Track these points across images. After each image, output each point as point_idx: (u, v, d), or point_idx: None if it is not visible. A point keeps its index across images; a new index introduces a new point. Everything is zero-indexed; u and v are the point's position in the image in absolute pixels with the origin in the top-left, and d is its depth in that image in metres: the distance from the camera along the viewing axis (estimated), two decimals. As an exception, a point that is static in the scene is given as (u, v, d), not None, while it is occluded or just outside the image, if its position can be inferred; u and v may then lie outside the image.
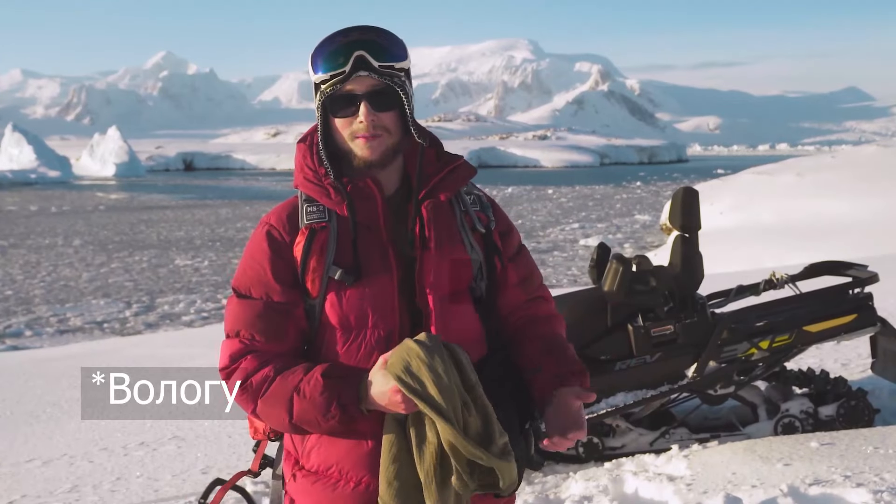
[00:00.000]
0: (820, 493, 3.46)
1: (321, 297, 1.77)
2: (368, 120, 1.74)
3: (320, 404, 1.65)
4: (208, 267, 23.03)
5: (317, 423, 1.68)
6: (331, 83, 1.74)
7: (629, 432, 4.71)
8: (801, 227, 20.07)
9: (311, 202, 1.81)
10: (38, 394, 7.85)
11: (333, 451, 1.78)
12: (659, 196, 47.97)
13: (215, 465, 5.21)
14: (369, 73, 1.72)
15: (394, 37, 1.77)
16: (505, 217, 1.97)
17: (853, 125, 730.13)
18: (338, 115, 1.77)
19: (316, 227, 1.78)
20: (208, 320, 16.16)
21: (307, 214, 1.80)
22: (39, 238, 30.85)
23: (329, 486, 1.79)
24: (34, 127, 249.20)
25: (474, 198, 1.92)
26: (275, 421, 1.74)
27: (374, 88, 1.74)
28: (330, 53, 1.73)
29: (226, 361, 1.79)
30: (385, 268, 1.76)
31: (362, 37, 1.74)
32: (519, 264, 1.96)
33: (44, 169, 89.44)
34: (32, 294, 19.18)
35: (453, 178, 1.85)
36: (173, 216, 39.78)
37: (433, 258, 1.78)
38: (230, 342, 1.79)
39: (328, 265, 1.76)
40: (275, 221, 1.82)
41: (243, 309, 1.79)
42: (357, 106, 1.74)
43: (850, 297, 4.71)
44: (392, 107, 1.77)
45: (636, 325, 4.59)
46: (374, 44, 1.73)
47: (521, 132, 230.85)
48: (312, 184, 1.81)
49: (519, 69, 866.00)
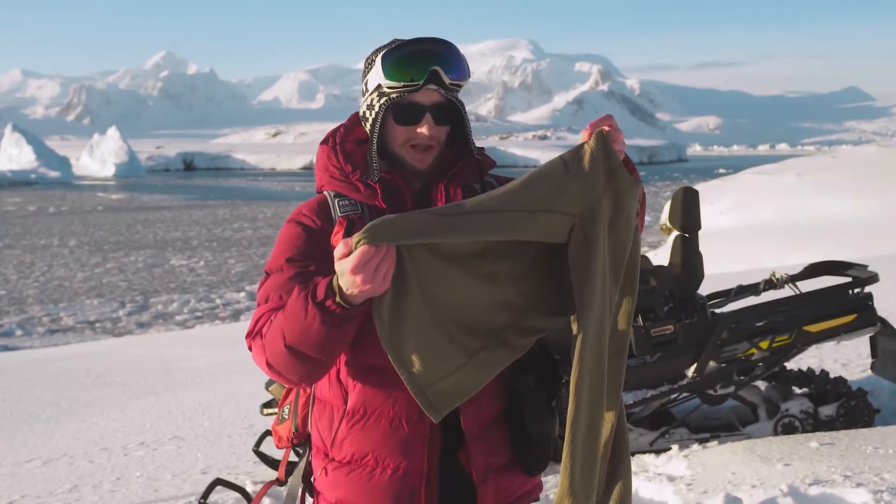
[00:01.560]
0: (820, 493, 3.46)
1: None
2: (430, 133, 1.78)
3: (298, 310, 1.59)
4: (204, 267, 23.01)
5: (306, 336, 1.59)
6: (400, 90, 1.77)
7: (629, 432, 4.70)
8: (801, 227, 20.07)
9: (342, 197, 1.83)
10: (38, 394, 7.85)
11: (368, 439, 1.77)
12: (658, 196, 47.95)
13: (215, 465, 5.21)
14: (438, 88, 1.77)
15: (461, 54, 1.82)
16: None
17: (853, 125, 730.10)
18: (399, 122, 1.80)
19: (353, 218, 1.79)
20: (201, 320, 16.15)
21: (340, 208, 1.81)
22: (35, 238, 30.84)
23: (365, 475, 1.77)
24: (34, 127, 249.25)
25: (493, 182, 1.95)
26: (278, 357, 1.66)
27: (439, 103, 1.79)
28: (405, 60, 1.76)
29: (252, 325, 1.76)
30: None
31: (437, 49, 1.77)
32: None
33: (44, 169, 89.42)
34: (25, 294, 19.17)
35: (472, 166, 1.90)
36: (171, 216, 39.78)
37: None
38: (259, 309, 1.76)
39: None
40: (307, 211, 1.84)
41: (275, 279, 1.77)
42: (421, 116, 1.78)
43: (850, 297, 4.71)
44: (451, 122, 1.83)
45: (636, 325, 4.59)
46: (447, 59, 1.77)
47: (521, 132, 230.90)
48: (340, 181, 1.83)
49: (519, 69, 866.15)
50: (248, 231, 32.54)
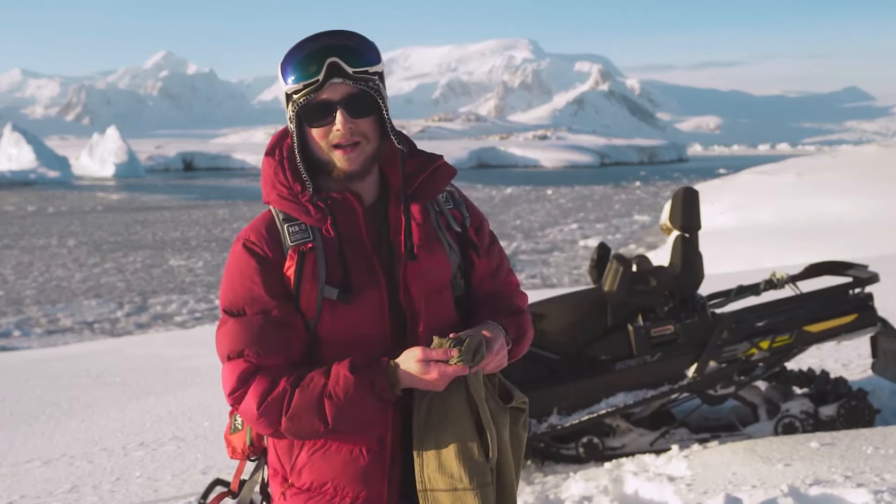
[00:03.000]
0: (820, 494, 3.46)
1: (316, 318, 1.73)
2: (346, 128, 1.69)
3: (356, 401, 1.64)
4: (202, 267, 22.98)
5: (354, 423, 1.68)
6: (304, 92, 1.68)
7: (629, 432, 4.71)
8: (801, 227, 20.08)
9: (291, 221, 1.75)
10: (38, 394, 7.85)
11: (328, 468, 1.76)
12: (658, 196, 47.95)
13: (215, 465, 5.20)
14: (343, 80, 1.67)
15: (366, 40, 1.72)
16: (477, 211, 1.95)
17: (853, 125, 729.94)
18: (314, 124, 1.71)
19: (304, 250, 1.72)
20: (200, 321, 16.12)
21: (290, 235, 1.73)
22: (34, 238, 30.83)
23: (324, 503, 1.76)
24: (34, 127, 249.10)
25: (446, 195, 1.89)
26: (307, 432, 1.69)
27: (349, 95, 1.69)
28: (301, 61, 1.68)
29: (233, 384, 1.70)
30: (373, 280, 1.75)
31: (334, 42, 1.68)
32: (491, 256, 1.95)
33: (43, 169, 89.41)
34: (24, 294, 19.16)
35: (434, 180, 1.82)
36: (170, 216, 39.76)
37: (416, 263, 1.76)
38: (234, 364, 1.71)
39: (321, 286, 1.71)
40: (255, 238, 1.75)
41: (241, 327, 1.71)
42: (333, 114, 1.69)
43: (851, 297, 4.70)
44: (369, 112, 1.72)
45: (636, 325, 4.59)
46: (346, 49, 1.68)
47: (521, 132, 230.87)
48: (289, 201, 1.74)
49: (519, 69, 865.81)
50: (248, 231, 32.53)
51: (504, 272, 1.98)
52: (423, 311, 1.77)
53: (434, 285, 1.80)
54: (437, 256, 1.81)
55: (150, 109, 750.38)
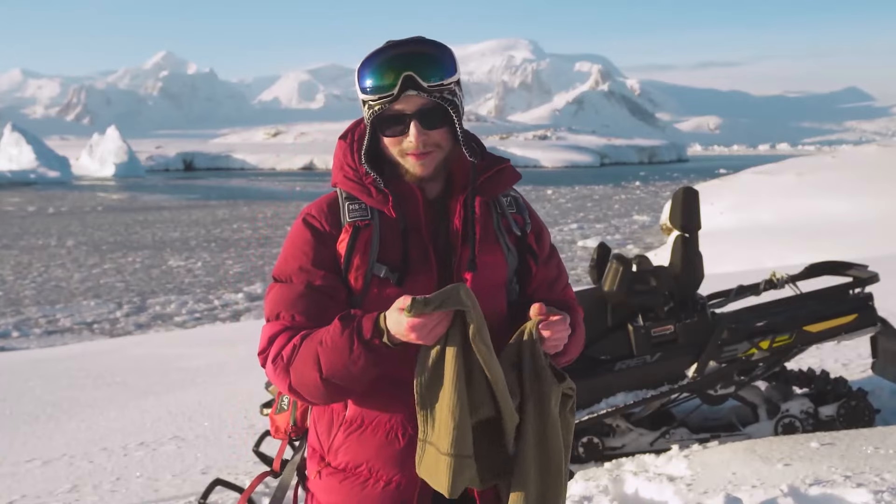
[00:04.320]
0: (820, 494, 3.46)
1: (363, 294, 1.76)
2: (419, 140, 1.71)
3: (342, 346, 1.61)
4: (202, 268, 22.92)
5: (347, 372, 1.63)
6: (379, 101, 1.70)
7: (629, 432, 4.71)
8: (801, 227, 20.08)
9: (353, 200, 1.79)
10: (38, 394, 7.85)
11: (363, 450, 1.76)
12: (658, 196, 47.97)
13: (215, 465, 5.21)
14: (418, 93, 1.68)
15: (443, 49, 1.72)
16: (538, 219, 1.96)
17: (853, 125, 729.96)
18: (387, 133, 1.74)
19: (360, 225, 1.76)
20: (200, 321, 16.07)
21: (350, 212, 1.78)
22: (33, 239, 30.78)
23: (358, 485, 1.77)
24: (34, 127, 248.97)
25: (510, 199, 1.90)
26: (309, 386, 1.68)
27: (423, 107, 1.70)
28: (377, 70, 1.69)
29: (264, 344, 1.75)
30: (426, 267, 1.76)
31: (410, 52, 1.69)
32: (549, 266, 1.95)
33: (43, 169, 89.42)
34: (22, 295, 19.11)
35: (497, 181, 1.84)
36: (170, 217, 39.73)
37: (474, 254, 1.77)
38: (269, 325, 1.75)
39: (372, 262, 1.75)
40: (315, 213, 1.81)
41: (283, 291, 1.75)
42: (406, 125, 1.71)
43: (851, 297, 4.71)
44: (442, 124, 1.73)
45: (636, 325, 4.59)
46: (422, 61, 1.68)
47: (521, 132, 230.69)
48: (353, 182, 1.78)
49: (519, 69, 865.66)
50: (247, 231, 32.47)
51: (561, 285, 1.98)
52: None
53: (486, 287, 1.79)
54: (494, 255, 1.82)
55: (151, 109, 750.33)
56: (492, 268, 1.81)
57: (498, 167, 1.85)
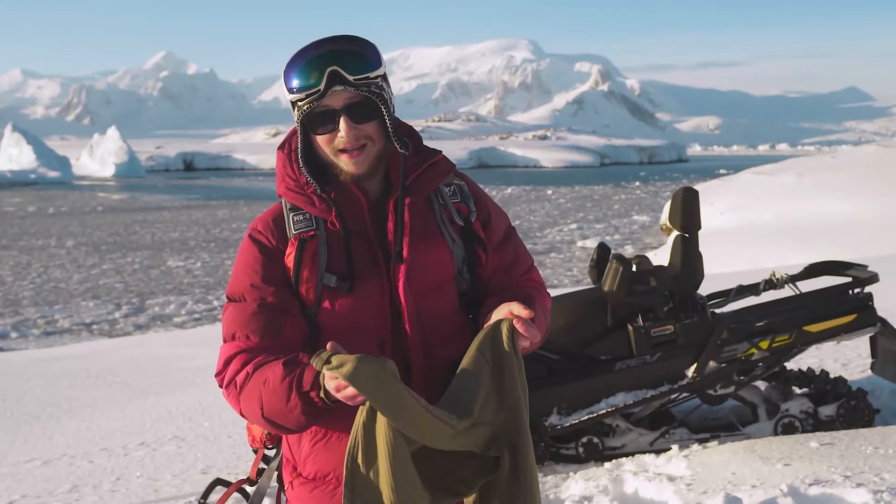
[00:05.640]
0: (820, 493, 3.46)
1: (316, 306, 1.76)
2: (350, 134, 1.71)
3: (281, 393, 1.62)
4: (201, 268, 22.85)
5: (284, 416, 1.64)
6: (307, 100, 1.71)
7: (629, 432, 4.71)
8: (801, 227, 20.07)
9: (297, 211, 1.79)
10: (38, 394, 7.85)
11: (330, 459, 1.78)
12: (657, 196, 47.95)
13: (215, 465, 5.21)
14: (345, 87, 1.69)
15: (366, 44, 1.74)
16: (487, 204, 1.92)
17: (853, 125, 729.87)
18: (318, 131, 1.74)
19: (305, 237, 1.76)
20: (199, 321, 16.02)
21: (294, 224, 1.78)
22: (32, 239, 30.68)
23: (327, 493, 1.79)
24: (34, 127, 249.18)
25: (454, 188, 1.89)
26: (253, 417, 1.71)
27: (351, 101, 1.71)
28: (302, 69, 1.70)
29: (220, 366, 1.77)
30: (375, 271, 1.77)
31: (334, 48, 1.70)
32: (505, 252, 1.92)
33: (43, 169, 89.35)
34: (21, 296, 19.03)
35: (430, 175, 1.83)
36: (169, 217, 39.66)
37: (408, 256, 1.77)
38: (226, 346, 1.77)
39: (321, 273, 1.75)
40: (261, 227, 1.81)
41: (237, 311, 1.76)
42: (336, 121, 1.72)
43: (850, 297, 4.71)
44: (372, 117, 1.74)
45: (636, 325, 4.59)
46: (346, 56, 1.69)
47: (521, 132, 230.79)
48: (295, 193, 1.79)
49: (519, 69, 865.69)
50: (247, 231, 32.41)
51: (521, 269, 1.95)
52: (415, 307, 1.76)
53: (430, 282, 1.79)
54: (436, 252, 1.81)
55: (151, 109, 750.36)
56: (434, 264, 1.80)
57: (430, 161, 1.83)
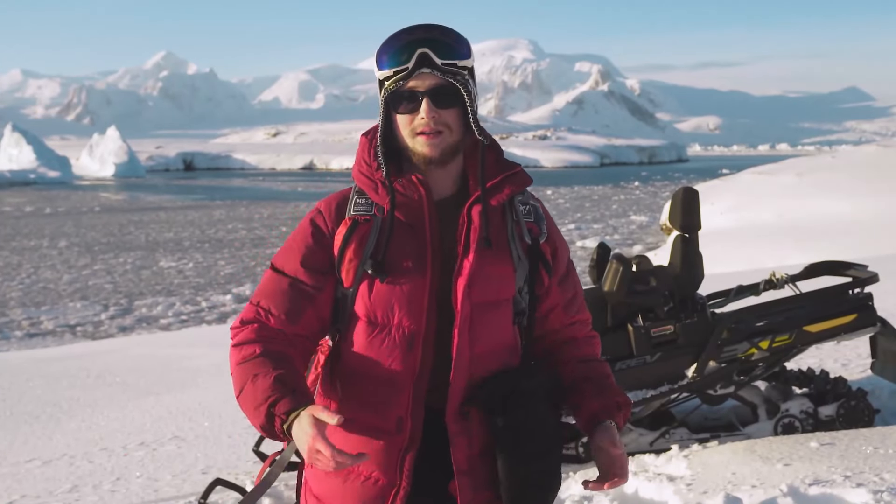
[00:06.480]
0: (820, 493, 3.46)
1: (354, 288, 1.80)
2: (430, 116, 1.74)
3: (257, 399, 1.70)
4: (192, 269, 22.56)
5: (249, 413, 1.73)
6: (394, 80, 1.75)
7: (629, 432, 4.71)
8: (801, 227, 20.07)
9: (362, 195, 1.84)
10: (38, 394, 7.84)
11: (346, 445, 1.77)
12: (657, 196, 47.94)
13: (215, 465, 5.21)
14: (432, 71, 1.73)
15: (458, 35, 1.79)
16: (557, 232, 1.94)
17: (853, 125, 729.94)
18: (399, 111, 1.77)
19: (359, 220, 1.81)
20: (186, 323, 15.68)
21: (355, 206, 1.83)
22: (25, 239, 30.42)
23: (340, 478, 1.81)
24: (34, 127, 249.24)
25: (529, 208, 1.90)
26: (234, 388, 1.79)
27: (436, 86, 1.74)
28: (395, 50, 1.75)
29: (237, 322, 1.85)
30: (419, 268, 1.76)
31: (427, 34, 1.75)
32: (566, 285, 1.93)
33: (43, 169, 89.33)
34: (8, 297, 18.75)
35: (508, 183, 1.84)
36: (165, 217, 39.46)
37: (473, 263, 1.76)
38: (249, 307, 1.85)
39: (365, 258, 1.78)
40: (324, 209, 1.87)
41: (271, 281, 1.85)
42: (419, 103, 1.75)
43: (850, 297, 4.71)
44: (454, 104, 1.76)
45: (636, 325, 4.59)
46: (437, 41, 1.74)
47: (521, 132, 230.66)
48: (365, 177, 1.83)
49: (519, 69, 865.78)
50: (242, 232, 32.18)
51: (577, 305, 1.95)
52: (465, 314, 1.76)
53: (489, 295, 1.79)
54: (500, 266, 1.80)
55: (151, 109, 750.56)
56: (496, 280, 1.79)
57: (509, 171, 1.85)
